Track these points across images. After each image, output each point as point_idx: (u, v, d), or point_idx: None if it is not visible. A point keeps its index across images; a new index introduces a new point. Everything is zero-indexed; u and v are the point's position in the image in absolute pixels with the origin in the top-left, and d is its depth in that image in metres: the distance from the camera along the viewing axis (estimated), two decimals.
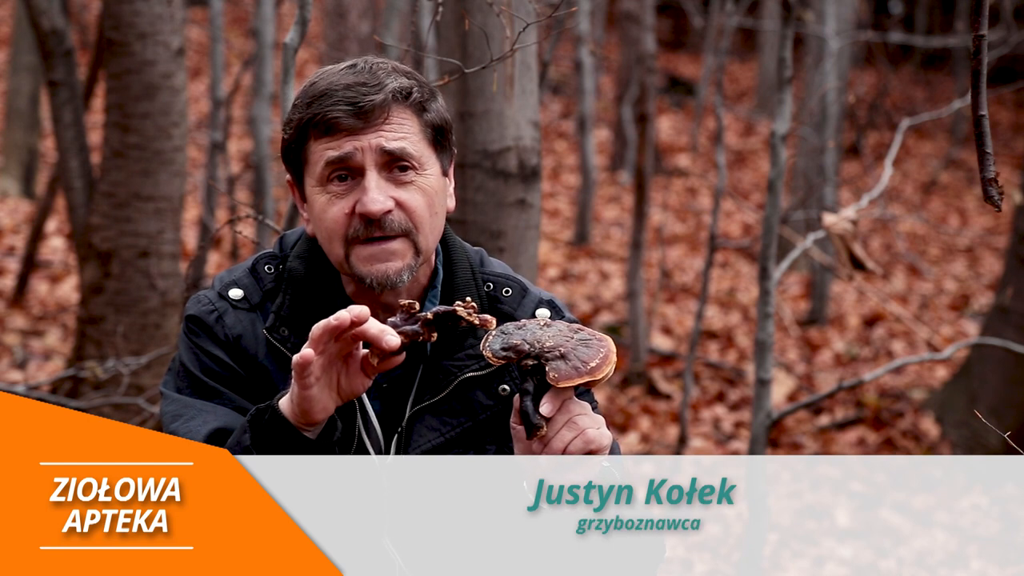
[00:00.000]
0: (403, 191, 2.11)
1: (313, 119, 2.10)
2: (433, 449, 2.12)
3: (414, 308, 1.96)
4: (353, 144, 2.09)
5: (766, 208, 3.96)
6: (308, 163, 2.14)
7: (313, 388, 1.92)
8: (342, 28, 10.49)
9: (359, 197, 2.09)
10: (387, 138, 2.09)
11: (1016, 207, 7.00)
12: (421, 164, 2.13)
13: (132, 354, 4.79)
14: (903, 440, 7.13)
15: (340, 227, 2.10)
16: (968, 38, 3.54)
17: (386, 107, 2.10)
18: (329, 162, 2.10)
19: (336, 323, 1.89)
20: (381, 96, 2.09)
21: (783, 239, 8.70)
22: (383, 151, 2.09)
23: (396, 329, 1.93)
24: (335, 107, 2.08)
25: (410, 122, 2.12)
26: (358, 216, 2.09)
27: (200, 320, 2.16)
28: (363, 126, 2.09)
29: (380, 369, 1.94)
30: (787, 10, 4.12)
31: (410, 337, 1.94)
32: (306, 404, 1.93)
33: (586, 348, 1.96)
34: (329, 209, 2.11)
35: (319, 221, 2.13)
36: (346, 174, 2.10)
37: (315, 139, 2.11)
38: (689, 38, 21.07)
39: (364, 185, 2.09)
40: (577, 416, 1.96)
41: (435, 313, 1.95)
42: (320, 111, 2.09)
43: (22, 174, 10.13)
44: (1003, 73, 15.64)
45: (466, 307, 1.97)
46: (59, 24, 5.00)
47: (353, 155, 2.09)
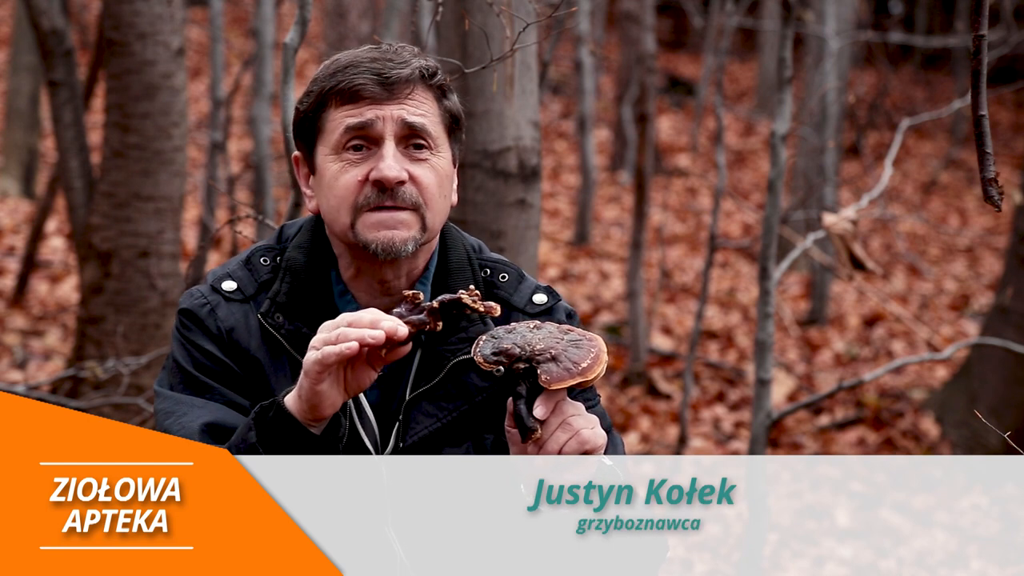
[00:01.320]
0: (417, 167, 2.11)
1: (336, 86, 2.10)
2: (431, 435, 2.12)
3: (419, 298, 1.96)
4: (375, 112, 2.09)
5: (766, 208, 3.96)
6: (324, 131, 2.13)
7: (324, 384, 1.92)
8: (342, 28, 10.49)
9: (374, 165, 2.09)
10: (409, 111, 2.10)
11: (1016, 207, 7.00)
12: (437, 145, 2.14)
13: (132, 354, 4.79)
14: (903, 440, 7.13)
15: (351, 194, 2.10)
16: (968, 38, 3.53)
17: (411, 82, 2.11)
18: (348, 128, 2.10)
19: (373, 341, 1.89)
20: (407, 71, 2.11)
21: (783, 239, 8.70)
22: (404, 123, 2.10)
23: (403, 319, 1.93)
24: (360, 75, 2.09)
25: (430, 103, 2.14)
26: (371, 183, 2.09)
27: (192, 314, 2.16)
28: (387, 96, 2.09)
29: (387, 360, 1.95)
30: (787, 10, 4.12)
31: (417, 327, 1.94)
32: (316, 399, 1.93)
33: (576, 349, 1.96)
34: (341, 176, 2.11)
35: (329, 189, 2.12)
36: (362, 144, 2.10)
37: (336, 106, 2.11)
38: (689, 38, 21.07)
39: (381, 153, 2.09)
40: (571, 417, 1.96)
41: (441, 301, 1.95)
42: (344, 78, 2.10)
43: (22, 174, 10.13)
44: (1003, 73, 15.64)
45: (471, 295, 1.97)
46: (59, 24, 5.00)
47: (374, 123, 2.09)
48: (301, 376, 1.94)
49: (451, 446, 2.13)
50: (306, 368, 1.92)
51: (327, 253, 2.18)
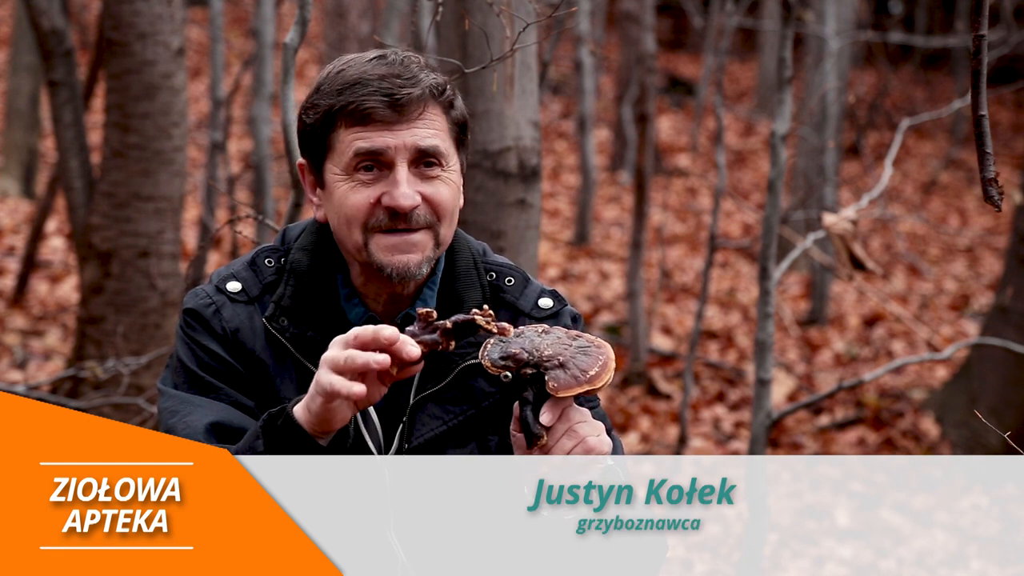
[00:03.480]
0: (429, 185, 2.10)
1: (346, 107, 2.08)
2: (436, 438, 2.11)
3: (432, 316, 1.94)
4: (386, 140, 2.07)
5: (766, 208, 3.96)
6: (333, 150, 2.11)
7: (336, 401, 1.91)
8: (342, 28, 10.49)
9: (387, 190, 2.08)
10: (421, 136, 2.08)
11: (1016, 207, 7.00)
12: (447, 161, 2.12)
13: (132, 354, 4.79)
14: (903, 440, 7.13)
15: (361, 215, 2.09)
16: (968, 38, 3.54)
17: (422, 102, 2.09)
18: (359, 152, 2.08)
19: (377, 367, 1.86)
20: (418, 91, 2.08)
21: (783, 239, 8.70)
22: (416, 149, 2.08)
23: (415, 339, 1.91)
24: (370, 97, 2.07)
25: (440, 119, 2.12)
26: (384, 208, 2.08)
27: (197, 314, 2.15)
28: (397, 119, 2.07)
29: (398, 378, 1.93)
30: (787, 10, 4.12)
31: (429, 347, 1.92)
32: (327, 415, 1.91)
33: (585, 356, 1.95)
34: (352, 196, 2.09)
35: (339, 207, 2.11)
36: (373, 165, 2.09)
37: (345, 127, 2.09)
38: (689, 38, 21.07)
39: (394, 179, 2.08)
40: (577, 424, 1.95)
41: (454, 322, 1.93)
42: (354, 100, 2.07)
43: (22, 174, 10.13)
44: (1003, 73, 15.64)
45: (484, 315, 1.94)
46: (59, 24, 5.00)
47: (386, 151, 2.08)
48: (311, 391, 1.92)
49: (455, 448, 2.12)
50: (318, 389, 1.90)
51: (332, 256, 2.18)
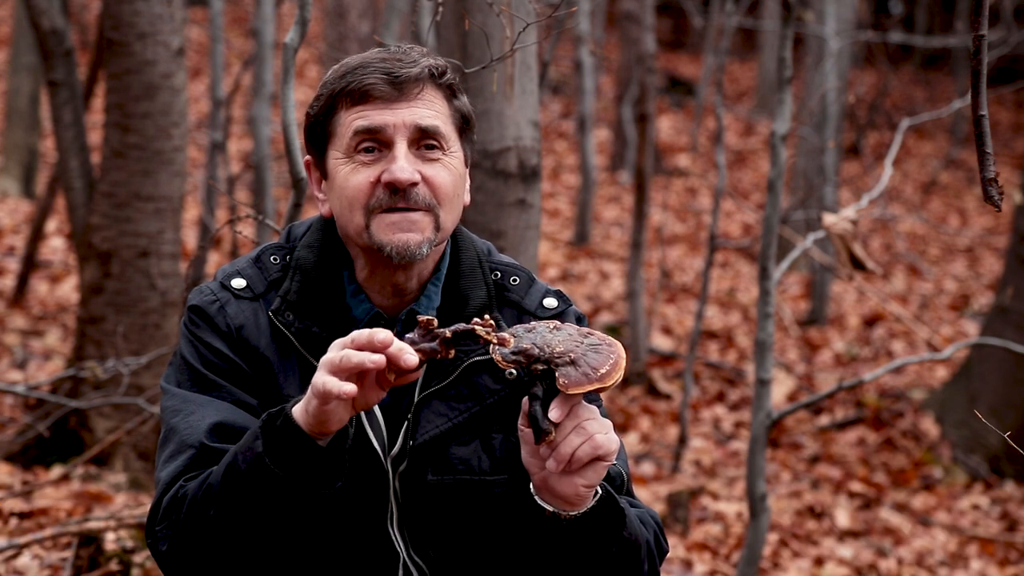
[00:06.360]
0: (429, 167, 2.10)
1: (346, 88, 2.09)
2: (440, 435, 2.10)
3: (432, 324, 1.92)
4: (385, 118, 2.08)
5: (766, 208, 3.96)
6: (334, 135, 2.12)
7: (331, 404, 1.91)
8: (342, 28, 10.49)
9: (386, 167, 2.08)
10: (420, 114, 2.09)
11: (1016, 207, 7.00)
12: (448, 145, 2.12)
13: (132, 354, 4.79)
14: (903, 440, 7.13)
15: (363, 195, 2.09)
16: (968, 38, 3.54)
17: (421, 81, 2.10)
18: (358, 131, 2.08)
19: (372, 366, 1.86)
20: (417, 70, 2.09)
21: (783, 239, 8.71)
22: (416, 127, 2.09)
23: (414, 347, 1.90)
24: (370, 75, 2.08)
25: (441, 102, 2.12)
26: (383, 185, 2.07)
27: (202, 310, 2.14)
28: (397, 96, 2.08)
29: (396, 384, 1.92)
30: (787, 10, 4.12)
31: (428, 355, 1.90)
32: (324, 417, 1.90)
33: (596, 354, 1.94)
34: (353, 177, 2.09)
35: (340, 190, 2.11)
36: (373, 146, 2.09)
37: (346, 108, 2.10)
38: (689, 38, 21.09)
39: (393, 155, 2.08)
40: (586, 421, 1.95)
41: (454, 331, 1.91)
42: (354, 79, 2.09)
43: (22, 174, 10.13)
44: (1003, 73, 15.65)
45: (484, 325, 1.93)
46: (59, 24, 5.00)
47: (384, 129, 2.08)
48: (309, 392, 1.91)
49: (458, 445, 2.12)
50: (314, 391, 1.90)
51: (338, 252, 2.17)
